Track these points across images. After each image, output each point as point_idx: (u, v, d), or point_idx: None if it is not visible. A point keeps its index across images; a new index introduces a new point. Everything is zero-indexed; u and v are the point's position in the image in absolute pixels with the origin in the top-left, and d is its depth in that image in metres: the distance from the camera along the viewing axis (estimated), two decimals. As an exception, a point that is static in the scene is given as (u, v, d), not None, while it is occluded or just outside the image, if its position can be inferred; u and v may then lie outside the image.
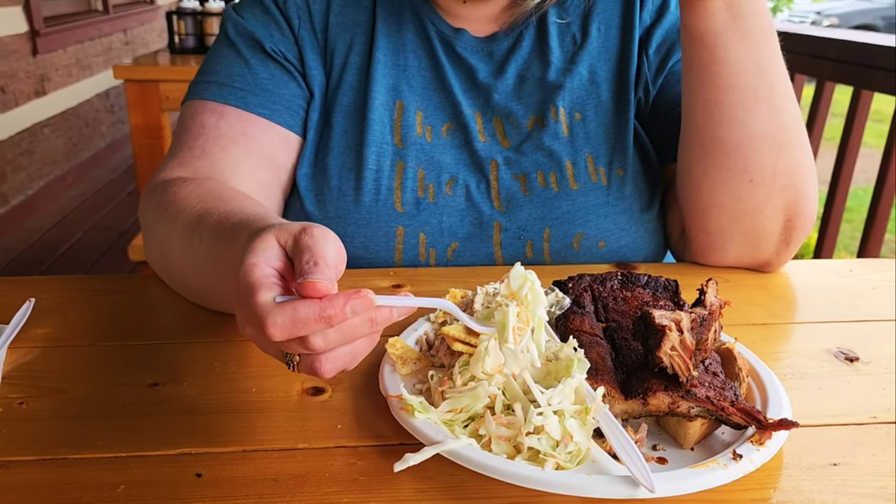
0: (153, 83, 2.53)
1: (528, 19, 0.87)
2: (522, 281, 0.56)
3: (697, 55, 0.73)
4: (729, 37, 0.70)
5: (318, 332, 0.45)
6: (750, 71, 0.72)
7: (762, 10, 0.71)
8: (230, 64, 0.84)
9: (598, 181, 0.83)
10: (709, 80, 0.73)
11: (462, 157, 0.84)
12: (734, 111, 0.73)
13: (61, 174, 4.28)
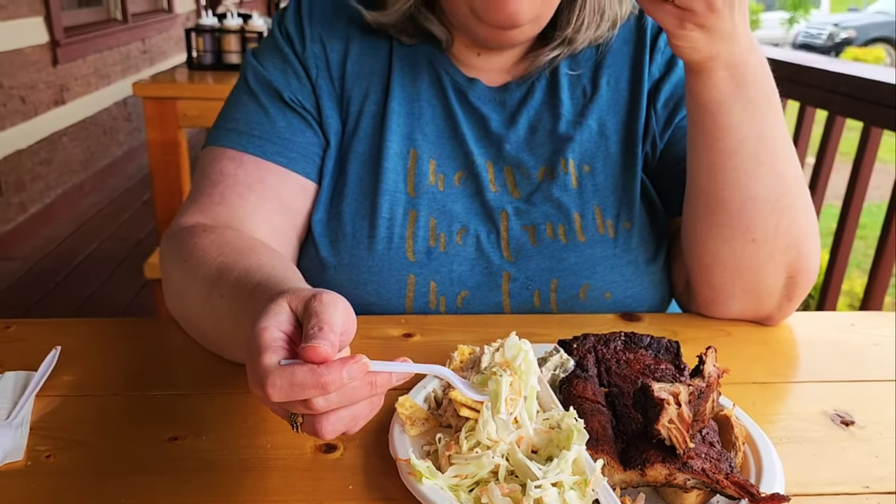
0: (171, 100, 2.58)
1: (540, 71, 0.90)
2: (517, 351, 0.59)
3: (702, 121, 0.75)
4: (732, 105, 0.73)
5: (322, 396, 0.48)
6: (753, 137, 0.74)
7: (765, 79, 0.73)
8: (249, 112, 0.87)
9: (606, 233, 0.85)
10: (712, 144, 0.75)
11: (473, 206, 0.87)
12: (737, 174, 0.76)
13: (79, 182, 4.34)
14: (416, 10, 0.85)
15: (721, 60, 0.70)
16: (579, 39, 0.87)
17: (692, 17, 0.65)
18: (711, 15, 0.65)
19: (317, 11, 0.90)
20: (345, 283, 0.84)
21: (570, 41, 0.87)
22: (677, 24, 0.66)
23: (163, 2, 6.16)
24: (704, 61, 0.70)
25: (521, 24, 0.79)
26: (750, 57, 0.71)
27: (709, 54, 0.69)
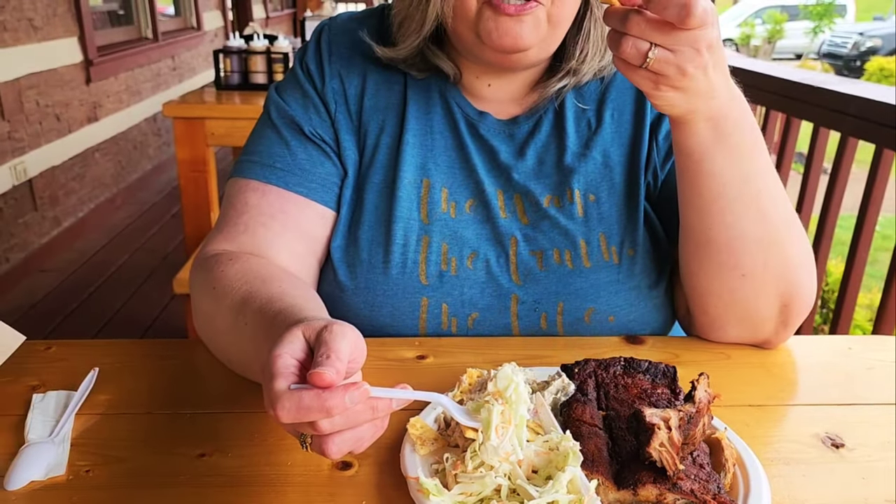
0: (199, 120, 2.66)
1: (548, 104, 0.94)
2: (508, 382, 0.63)
3: (686, 168, 0.79)
4: (714, 153, 0.76)
5: (326, 419, 0.53)
6: (736, 181, 0.77)
7: (747, 126, 0.77)
8: (272, 145, 0.93)
9: (610, 259, 0.89)
10: (698, 189, 0.79)
11: (483, 232, 0.91)
12: (723, 216, 0.79)
13: (110, 196, 4.46)
14: (425, 46, 0.90)
15: (700, 114, 0.73)
16: (584, 70, 0.91)
17: (665, 80, 0.69)
18: (684, 78, 0.68)
19: (335, 48, 0.96)
20: (361, 305, 0.89)
21: (575, 72, 0.91)
22: (653, 86, 0.70)
23: (192, 20, 6.30)
24: (684, 115, 0.74)
25: (524, 48, 0.83)
26: (730, 109, 0.74)
27: (687, 109, 0.72)
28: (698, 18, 0.64)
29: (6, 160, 3.37)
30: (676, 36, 0.66)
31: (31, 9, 3.61)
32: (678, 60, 0.67)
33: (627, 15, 0.67)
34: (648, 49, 0.67)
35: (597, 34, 0.89)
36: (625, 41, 0.67)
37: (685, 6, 0.63)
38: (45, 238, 3.70)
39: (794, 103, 1.99)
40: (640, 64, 0.68)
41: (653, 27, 0.66)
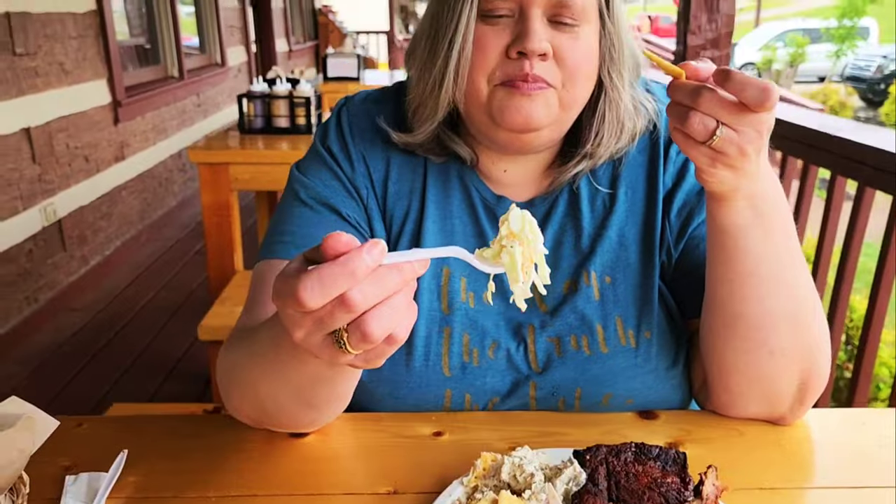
0: (223, 165, 2.73)
1: (563, 185, 0.96)
2: (522, 223, 0.61)
3: (722, 244, 0.80)
4: (751, 230, 0.77)
5: (354, 287, 0.51)
6: (770, 258, 0.79)
7: (781, 205, 0.79)
8: (305, 225, 0.91)
9: (627, 344, 0.90)
10: (732, 265, 0.80)
11: (502, 321, 0.92)
12: (755, 291, 0.80)
13: (136, 234, 4.55)
14: (441, 131, 0.92)
15: (742, 192, 0.75)
16: (600, 153, 0.92)
17: (724, 158, 0.70)
18: (742, 158, 0.70)
19: (356, 131, 0.96)
20: (385, 395, 0.90)
21: (591, 155, 0.92)
22: (709, 162, 0.71)
23: (216, 56, 6.45)
24: (727, 192, 0.75)
25: (536, 127, 0.85)
26: (767, 186, 0.76)
27: (732, 187, 0.74)
28: (775, 99, 0.66)
29: (36, 202, 3.47)
30: (745, 117, 0.67)
31: (63, 53, 3.73)
32: (741, 140, 0.68)
33: (699, 90, 0.68)
34: (716, 127, 0.68)
35: (612, 116, 0.91)
36: (693, 116, 0.68)
37: (765, 90, 0.65)
38: (73, 277, 3.78)
39: (812, 150, 1.99)
40: (705, 141, 0.69)
41: (724, 106, 0.67)
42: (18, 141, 3.33)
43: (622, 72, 0.90)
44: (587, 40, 0.86)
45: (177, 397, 2.86)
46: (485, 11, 0.84)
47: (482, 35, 0.84)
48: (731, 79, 0.66)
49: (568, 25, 0.84)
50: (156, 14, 5.19)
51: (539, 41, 0.82)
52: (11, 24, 3.27)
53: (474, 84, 0.85)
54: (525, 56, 0.82)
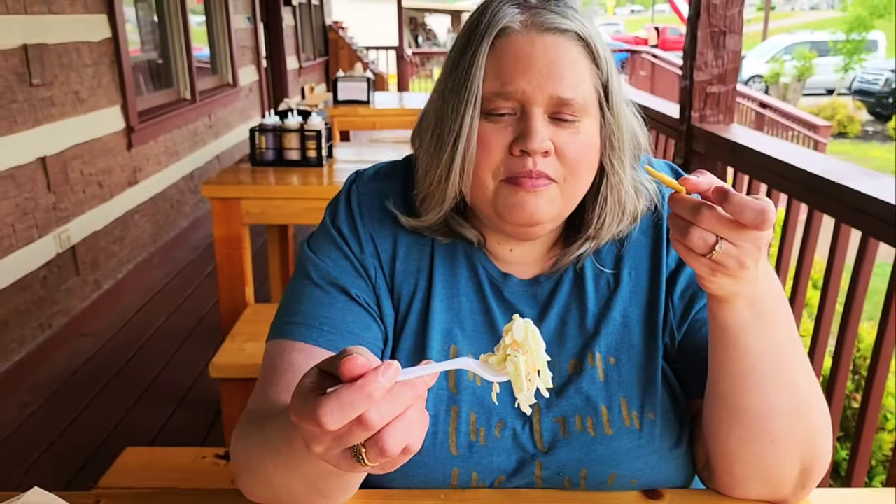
0: (235, 200, 2.77)
1: (567, 266, 0.98)
2: (525, 332, 0.65)
3: (723, 341, 0.82)
4: (751, 329, 0.80)
5: (372, 408, 0.54)
6: (769, 355, 0.81)
7: (781, 303, 0.81)
8: (316, 306, 0.94)
9: (632, 425, 0.92)
10: (733, 361, 0.82)
11: (508, 399, 0.93)
12: (756, 386, 0.82)
13: (148, 256, 4.60)
14: (448, 216, 0.95)
15: (742, 295, 0.77)
16: (602, 235, 0.95)
17: (724, 269, 0.73)
18: (741, 270, 0.72)
19: (365, 209, 0.99)
20: (394, 473, 0.92)
21: (593, 237, 0.95)
22: (709, 272, 0.74)
23: (228, 77, 6.52)
24: (728, 296, 0.77)
25: (540, 222, 0.88)
26: (767, 287, 0.78)
27: (733, 292, 0.76)
28: (771, 221, 0.69)
29: (51, 230, 3.52)
30: (744, 234, 0.70)
31: (78, 82, 3.79)
32: (739, 254, 0.71)
33: (698, 207, 0.71)
34: (715, 242, 0.71)
35: (613, 200, 0.94)
36: (693, 231, 0.71)
37: (762, 212, 0.68)
38: (86, 302, 3.83)
39: (816, 196, 2.01)
40: (705, 254, 0.72)
41: (723, 223, 0.70)
42: (34, 170, 3.39)
43: (623, 158, 0.93)
44: (587, 133, 0.89)
45: (187, 428, 2.89)
46: (488, 110, 0.87)
47: (486, 133, 0.87)
48: (729, 200, 0.69)
49: (568, 122, 0.87)
50: (169, 38, 5.26)
51: (541, 141, 0.85)
52: (29, 55, 3.33)
53: (480, 180, 0.88)
54: (528, 153, 0.85)
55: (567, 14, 0.88)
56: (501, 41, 0.87)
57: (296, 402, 0.59)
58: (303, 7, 10.07)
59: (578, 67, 0.87)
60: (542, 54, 0.86)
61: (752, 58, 20.45)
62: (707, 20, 2.82)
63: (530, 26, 0.87)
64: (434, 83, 0.99)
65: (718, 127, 2.86)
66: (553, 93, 0.85)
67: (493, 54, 0.87)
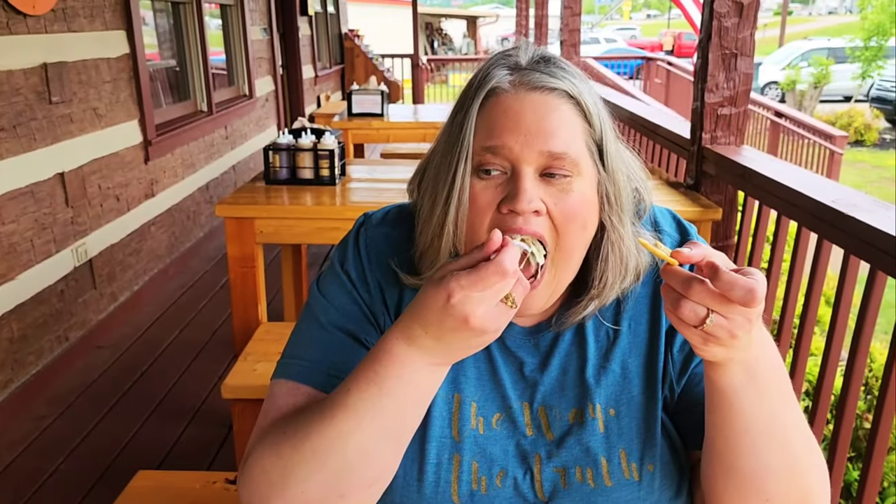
0: (249, 220, 2.81)
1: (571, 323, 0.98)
2: None
3: (718, 403, 0.83)
4: (745, 393, 0.81)
5: None
6: (764, 417, 0.82)
7: (776, 369, 0.82)
8: (323, 350, 0.95)
9: (631, 477, 0.93)
10: (727, 422, 0.83)
11: (510, 448, 0.95)
12: (750, 447, 0.83)
13: (164, 267, 4.66)
14: None
15: (735, 360, 0.78)
16: (606, 294, 0.96)
17: (715, 340, 0.74)
18: (732, 340, 0.74)
19: (373, 256, 1.00)
20: None
21: (598, 296, 0.96)
22: (701, 342, 0.75)
23: (244, 88, 6.59)
24: (721, 361, 0.79)
25: (535, 311, 0.91)
26: (762, 352, 0.80)
27: (725, 358, 0.78)
28: (760, 300, 0.70)
29: (69, 244, 3.58)
30: (734, 308, 0.72)
31: (97, 98, 3.86)
32: (730, 326, 0.73)
33: (689, 282, 0.73)
34: (706, 315, 0.73)
35: (615, 258, 0.94)
36: (684, 304, 0.73)
37: (751, 291, 0.70)
38: (102, 314, 3.88)
39: (825, 226, 2.02)
40: (696, 326, 0.73)
41: (714, 298, 0.72)
42: (53, 186, 3.45)
43: (621, 215, 0.94)
44: (580, 192, 0.89)
45: (199, 444, 2.93)
46: (478, 167, 0.89)
47: (476, 191, 0.89)
48: (719, 277, 0.71)
49: (560, 179, 0.88)
50: (186, 51, 5.33)
51: (528, 202, 0.86)
52: (48, 74, 3.39)
53: (472, 238, 0.90)
54: (517, 213, 0.86)
55: (556, 74, 0.90)
56: (491, 100, 0.89)
57: (465, 269, 0.73)
58: (319, 16, 10.14)
59: (569, 124, 0.89)
60: (530, 111, 0.87)
61: (769, 64, 20.33)
62: (719, 42, 2.83)
63: (519, 85, 0.89)
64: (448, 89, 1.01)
65: (729, 149, 2.87)
66: (542, 148, 0.86)
67: (483, 112, 0.89)
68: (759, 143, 10.28)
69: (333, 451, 0.82)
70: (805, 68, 18.00)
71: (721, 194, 2.92)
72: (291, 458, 0.83)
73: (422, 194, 0.97)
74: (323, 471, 0.82)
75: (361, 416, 0.80)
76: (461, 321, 0.73)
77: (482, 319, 0.73)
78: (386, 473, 0.86)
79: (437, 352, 0.77)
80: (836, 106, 16.88)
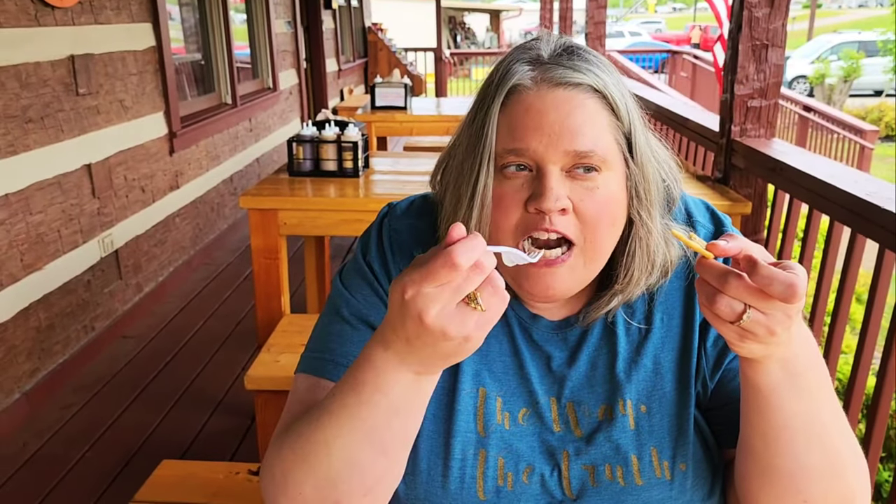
0: (272, 211, 2.81)
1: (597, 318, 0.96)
2: None
3: (755, 401, 0.80)
4: (783, 390, 0.78)
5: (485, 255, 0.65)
6: (802, 416, 0.79)
7: (815, 364, 0.79)
8: (344, 343, 0.94)
9: (662, 476, 0.91)
10: (764, 420, 0.81)
11: (537, 444, 0.93)
12: (788, 446, 0.81)
13: (188, 259, 4.69)
14: None
15: (773, 357, 0.76)
16: (631, 290, 0.93)
17: (753, 336, 0.71)
18: (771, 337, 0.71)
19: (396, 247, 0.98)
20: None
21: (622, 292, 0.93)
22: (738, 339, 0.72)
23: (268, 81, 6.61)
24: (759, 358, 0.76)
25: (559, 297, 0.88)
26: (801, 348, 0.76)
27: (764, 355, 0.75)
28: (801, 295, 0.67)
29: (95, 235, 3.61)
30: (774, 304, 0.68)
31: (123, 90, 3.88)
32: (769, 322, 0.70)
33: (726, 276, 0.69)
34: (743, 311, 0.69)
35: (642, 253, 0.91)
36: (720, 299, 0.70)
37: (791, 286, 0.66)
38: (127, 305, 3.92)
39: (859, 220, 1.97)
40: (733, 322, 0.70)
41: (752, 293, 0.68)
42: (80, 177, 3.48)
43: (650, 209, 0.91)
44: (609, 188, 0.87)
45: (222, 434, 2.95)
46: (503, 167, 0.86)
47: (501, 192, 0.86)
48: (757, 272, 0.68)
49: (587, 176, 0.85)
50: (211, 44, 5.35)
51: (555, 200, 0.83)
52: (75, 66, 3.42)
53: (498, 238, 0.87)
54: (543, 212, 0.84)
55: (580, 67, 0.87)
56: (512, 98, 0.86)
57: (421, 265, 0.65)
58: (343, 10, 10.15)
59: (595, 120, 0.86)
60: (553, 109, 0.85)
61: (797, 58, 20.01)
62: (749, 33, 2.77)
63: (541, 82, 0.86)
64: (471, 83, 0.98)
65: (759, 142, 2.81)
66: (568, 148, 0.84)
67: (505, 112, 0.86)
68: (787, 137, 10.10)
69: (319, 457, 0.79)
70: (834, 62, 17.68)
71: (750, 188, 2.87)
72: (289, 460, 0.83)
73: (444, 189, 0.95)
74: (314, 476, 0.80)
75: (343, 424, 0.77)
76: (417, 320, 0.66)
77: (438, 319, 0.65)
78: (382, 483, 0.82)
79: (411, 358, 0.71)
80: (867, 100, 16.56)
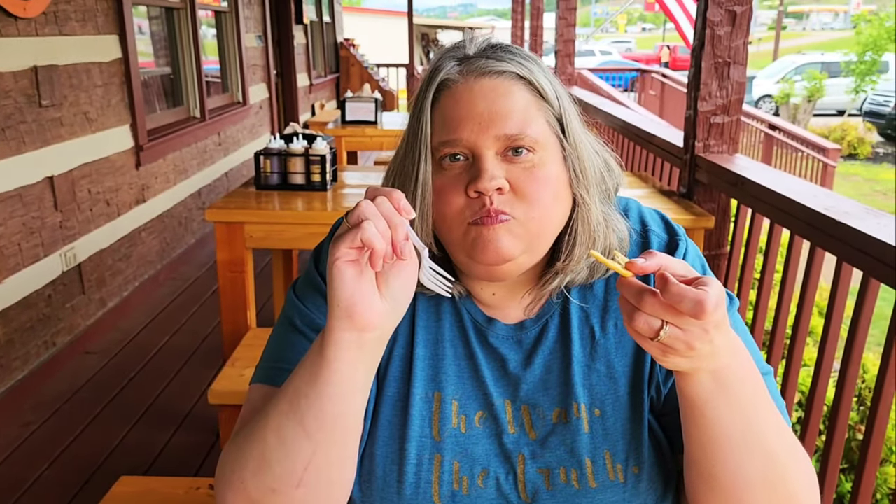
0: (239, 224, 2.79)
1: (553, 308, 0.97)
2: None
3: (690, 413, 0.82)
4: (716, 401, 0.79)
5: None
6: (738, 426, 0.80)
7: (749, 374, 0.80)
8: (298, 353, 0.92)
9: (616, 479, 0.91)
10: (702, 431, 0.82)
11: (492, 448, 0.94)
12: (727, 455, 0.82)
13: (154, 273, 4.63)
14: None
15: (703, 370, 0.77)
16: (572, 268, 0.94)
17: (673, 351, 0.72)
18: (691, 351, 0.72)
19: None
20: None
21: (563, 270, 0.94)
22: (660, 354, 0.74)
23: (238, 95, 6.58)
24: (688, 371, 0.77)
25: (508, 258, 0.88)
26: (731, 360, 0.77)
27: (690, 368, 0.76)
28: (710, 311, 0.68)
29: (57, 248, 3.55)
30: (688, 320, 0.70)
31: (87, 102, 3.83)
32: (686, 338, 0.71)
33: (642, 293, 0.71)
34: (660, 327, 0.71)
35: (584, 231, 0.93)
36: (638, 316, 0.71)
37: (699, 303, 0.68)
38: (90, 320, 3.85)
39: (818, 233, 2.00)
40: (652, 338, 0.72)
41: (666, 309, 0.70)
42: (42, 190, 3.42)
43: (588, 188, 0.93)
44: (546, 167, 0.89)
45: (186, 450, 2.90)
46: (440, 159, 0.89)
47: (441, 183, 0.89)
48: (668, 290, 0.69)
49: (523, 158, 0.88)
50: (179, 58, 5.31)
51: (490, 180, 0.86)
52: (38, 77, 3.37)
53: (446, 228, 0.89)
54: (483, 194, 0.86)
55: (503, 58, 0.90)
56: (443, 93, 0.90)
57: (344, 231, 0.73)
58: (314, 25, 10.16)
59: (523, 104, 0.89)
60: (481, 98, 0.88)
61: (763, 78, 20.47)
62: (711, 51, 2.83)
63: (467, 74, 0.89)
64: None
65: (722, 157, 2.86)
66: (499, 133, 0.87)
67: (437, 106, 0.90)
68: (753, 154, 10.31)
69: (257, 434, 0.83)
70: (799, 82, 18.12)
71: (714, 202, 2.91)
72: (233, 452, 0.85)
73: None
74: (253, 458, 0.82)
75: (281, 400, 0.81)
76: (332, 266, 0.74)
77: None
78: (310, 472, 0.81)
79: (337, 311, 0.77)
80: (830, 120, 16.98)
